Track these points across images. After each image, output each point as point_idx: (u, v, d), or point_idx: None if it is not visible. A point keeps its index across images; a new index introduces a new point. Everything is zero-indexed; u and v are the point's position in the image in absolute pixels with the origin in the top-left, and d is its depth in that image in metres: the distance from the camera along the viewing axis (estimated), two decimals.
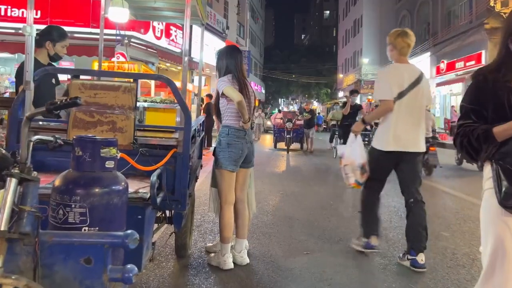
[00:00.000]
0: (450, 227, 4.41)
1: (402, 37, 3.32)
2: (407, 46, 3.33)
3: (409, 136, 3.24)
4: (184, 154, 2.48)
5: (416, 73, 3.33)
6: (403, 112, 3.21)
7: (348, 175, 3.37)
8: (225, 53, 3.14)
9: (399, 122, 3.21)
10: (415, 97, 3.24)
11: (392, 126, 3.22)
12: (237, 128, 2.99)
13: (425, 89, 3.36)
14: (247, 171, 3.19)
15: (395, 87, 3.23)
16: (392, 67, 3.48)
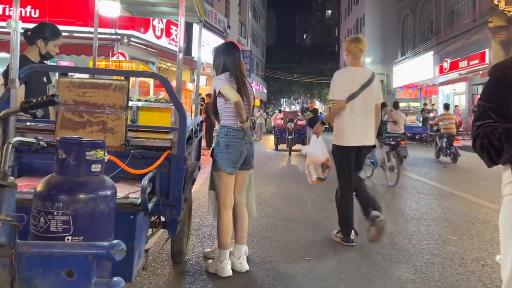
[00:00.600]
0: (458, 230, 4.25)
1: (355, 43, 3.71)
2: (359, 51, 3.72)
3: (362, 132, 3.64)
4: (179, 156, 2.34)
5: (368, 75, 3.71)
6: (356, 110, 3.59)
7: (311, 173, 3.64)
8: (222, 50, 3.00)
9: (353, 119, 3.59)
10: (367, 97, 3.63)
11: (347, 123, 3.62)
12: (236, 128, 2.85)
13: (376, 90, 3.74)
14: (247, 173, 3.05)
15: (347, 88, 3.62)
16: (346, 70, 3.86)
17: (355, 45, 3.71)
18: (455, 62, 21.75)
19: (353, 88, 3.60)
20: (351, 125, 3.60)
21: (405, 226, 4.36)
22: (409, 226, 4.37)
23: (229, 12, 22.74)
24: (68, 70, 2.43)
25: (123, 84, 2.31)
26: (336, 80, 3.81)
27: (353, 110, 3.59)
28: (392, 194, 6.24)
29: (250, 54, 28.02)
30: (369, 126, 3.69)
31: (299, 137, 12.97)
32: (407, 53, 30.65)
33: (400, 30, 32.57)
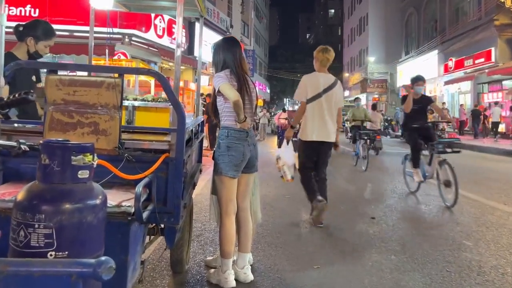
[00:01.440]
0: (472, 235, 4.05)
1: (323, 53, 4.31)
2: (326, 60, 4.30)
3: (324, 130, 4.17)
4: (177, 160, 2.16)
5: (331, 80, 4.28)
6: (319, 111, 4.13)
7: (286, 173, 3.98)
8: (221, 46, 2.82)
9: (316, 118, 4.13)
10: (329, 100, 4.17)
11: (311, 122, 4.15)
12: (238, 129, 2.66)
13: (337, 94, 4.30)
14: (250, 177, 2.86)
15: (311, 91, 4.18)
16: (312, 75, 4.36)
17: (323, 55, 4.30)
18: (460, 61, 21.50)
19: (316, 91, 4.15)
20: (312, 123, 4.17)
21: (416, 230, 4.16)
22: (421, 230, 4.17)
23: (232, 11, 22.56)
24: (57, 67, 2.27)
25: (116, 81, 2.13)
26: (301, 83, 4.36)
27: (315, 110, 4.14)
28: (401, 196, 6.04)
29: (253, 54, 27.84)
30: (329, 125, 4.20)
31: None
32: (411, 52, 30.38)
33: (404, 28, 32.30)
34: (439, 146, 5.54)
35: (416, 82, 6.10)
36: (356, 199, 5.77)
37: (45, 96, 2.13)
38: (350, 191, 6.33)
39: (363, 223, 4.42)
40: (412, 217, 4.73)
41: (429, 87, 27.91)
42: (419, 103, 5.97)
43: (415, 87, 6.04)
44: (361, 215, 4.77)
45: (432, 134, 5.79)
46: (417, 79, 6.15)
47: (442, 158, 5.51)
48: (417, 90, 6.04)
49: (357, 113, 10.41)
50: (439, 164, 5.51)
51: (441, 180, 5.42)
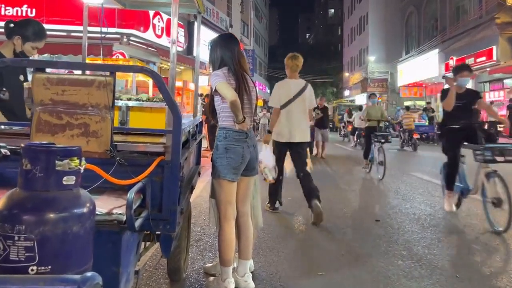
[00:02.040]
0: (480, 238, 3.92)
1: (292, 60, 4.65)
2: (295, 66, 4.64)
3: (299, 131, 4.50)
4: (173, 163, 2.03)
5: (301, 85, 4.60)
6: (291, 114, 4.45)
7: (267, 175, 4.11)
8: (218, 43, 2.68)
9: (289, 121, 4.43)
10: (300, 103, 4.51)
11: (284, 124, 4.46)
12: (236, 130, 2.53)
13: (308, 97, 4.61)
14: (251, 180, 2.73)
15: (283, 97, 4.51)
16: (283, 81, 4.72)
17: (292, 61, 4.65)
18: (462, 60, 21.31)
19: (288, 97, 4.47)
20: (284, 126, 4.48)
21: (422, 233, 4.03)
22: (427, 233, 4.04)
23: (231, 11, 22.42)
24: (44, 64, 2.12)
25: (107, 80, 2.00)
26: (274, 90, 4.75)
27: (288, 113, 4.44)
28: (405, 197, 5.91)
29: (253, 54, 27.72)
30: (303, 126, 4.57)
31: None
32: (411, 51, 30.22)
33: (404, 28, 32.17)
34: (487, 153, 4.23)
35: (459, 72, 4.78)
36: (358, 200, 5.64)
37: (32, 96, 2.01)
38: (352, 193, 6.19)
39: (367, 226, 4.29)
40: (417, 219, 4.59)
41: (430, 86, 27.81)
42: (463, 99, 4.69)
43: (458, 79, 4.74)
44: (364, 218, 4.64)
45: (478, 137, 4.48)
46: (461, 69, 4.86)
47: (491, 169, 4.32)
48: (461, 82, 4.74)
49: (372, 112, 8.70)
50: (486, 176, 4.34)
51: (488, 198, 4.27)
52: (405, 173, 8.32)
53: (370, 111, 8.75)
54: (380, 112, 8.80)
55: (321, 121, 11.16)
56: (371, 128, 8.52)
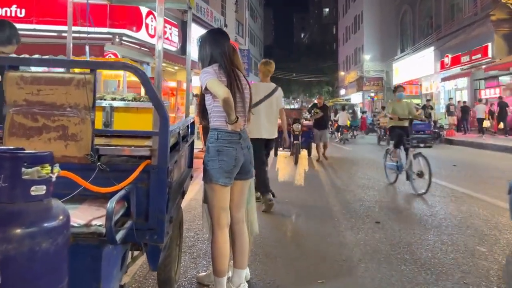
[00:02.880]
0: (485, 239, 3.78)
1: (264, 65, 5.05)
2: (267, 71, 5.06)
3: (264, 128, 4.88)
4: (159, 167, 1.86)
5: (271, 88, 5.04)
6: (260, 114, 4.74)
7: None
8: (207, 39, 2.51)
9: (257, 120, 4.68)
10: (269, 104, 4.94)
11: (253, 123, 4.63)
12: (229, 131, 2.37)
13: (277, 99, 5.11)
14: (245, 184, 2.57)
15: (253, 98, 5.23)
16: (255, 84, 5.10)
17: (264, 67, 5.06)
18: (457, 57, 21.29)
19: (258, 98, 4.79)
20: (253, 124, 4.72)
21: (425, 235, 3.88)
22: (430, 235, 3.89)
23: (226, 10, 22.25)
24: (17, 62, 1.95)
25: (87, 78, 1.84)
26: None
27: (258, 113, 4.70)
28: (405, 197, 5.77)
29: (248, 54, 27.58)
30: (271, 125, 4.99)
31: (306, 141, 10.40)
32: (406, 49, 30.18)
33: (399, 26, 32.12)
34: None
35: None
36: (356, 201, 5.49)
37: (4, 97, 1.84)
38: (350, 194, 6.04)
39: (368, 228, 4.14)
40: (418, 221, 4.45)
41: (425, 84, 27.77)
42: None
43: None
44: (364, 220, 4.49)
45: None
46: None
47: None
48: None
49: (398, 109, 6.91)
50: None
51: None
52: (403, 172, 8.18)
53: (396, 108, 6.92)
54: (407, 108, 6.96)
55: (321, 120, 10.31)
56: (398, 128, 6.81)
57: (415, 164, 6.16)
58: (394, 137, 6.98)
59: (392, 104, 7.20)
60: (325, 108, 10.60)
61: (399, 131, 6.79)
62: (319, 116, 10.20)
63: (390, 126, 7.14)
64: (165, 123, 1.87)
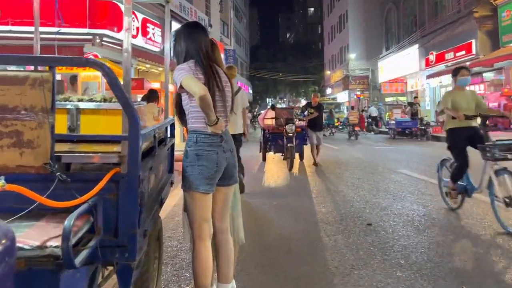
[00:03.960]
0: (481, 240, 3.64)
1: (228, 70, 4.96)
2: (231, 75, 4.90)
3: (233, 124, 5.02)
4: (130, 176, 1.65)
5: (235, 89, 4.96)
6: None
7: None
8: (182, 34, 2.30)
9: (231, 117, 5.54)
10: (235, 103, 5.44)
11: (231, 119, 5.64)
12: (209, 133, 2.17)
13: (241, 98, 5.50)
14: (229, 190, 2.37)
15: None
16: None
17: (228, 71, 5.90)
18: (441, 54, 21.40)
19: None
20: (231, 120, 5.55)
21: (419, 237, 3.73)
22: (424, 237, 3.74)
23: (210, 10, 21.99)
24: None
25: (44, 76, 1.62)
26: None
27: None
28: (396, 197, 5.63)
29: (234, 54, 27.35)
30: (237, 121, 5.37)
31: (301, 144, 9.24)
32: (391, 47, 30.32)
33: (384, 24, 32.28)
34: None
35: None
36: (347, 202, 5.33)
37: None
38: (340, 195, 5.89)
39: (360, 231, 3.98)
40: (411, 221, 4.31)
41: (411, 82, 27.91)
42: None
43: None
44: (355, 222, 4.33)
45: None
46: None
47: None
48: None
49: (461, 101, 4.58)
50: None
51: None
52: (392, 171, 8.08)
53: (457, 100, 4.58)
54: (474, 101, 4.63)
55: (317, 121, 9.20)
56: (462, 130, 4.51)
57: (500, 184, 3.98)
58: (456, 148, 4.57)
59: (451, 95, 4.71)
60: (320, 107, 9.50)
61: (464, 134, 4.47)
62: (314, 116, 9.15)
63: (448, 128, 4.66)
64: (134, 125, 1.66)
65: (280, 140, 8.97)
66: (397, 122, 18.32)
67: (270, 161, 9.98)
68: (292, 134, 8.49)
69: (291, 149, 8.35)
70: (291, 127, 8.52)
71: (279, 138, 9.05)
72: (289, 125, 8.55)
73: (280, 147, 9.06)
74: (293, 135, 8.49)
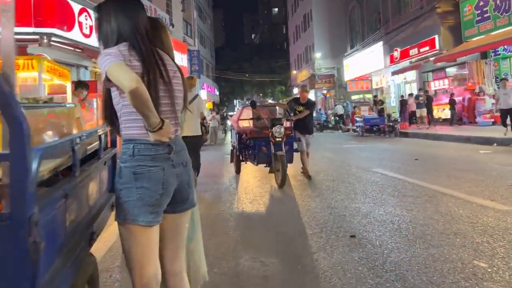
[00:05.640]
0: (480, 250, 3.22)
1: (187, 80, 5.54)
2: (190, 84, 5.72)
3: (189, 127, 5.30)
4: (13, 219, 1.05)
5: (192, 96, 5.74)
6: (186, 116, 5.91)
7: None
8: (111, 9, 1.69)
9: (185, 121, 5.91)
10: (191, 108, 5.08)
11: None
12: (151, 142, 1.58)
13: (197, 104, 5.89)
14: (182, 218, 1.78)
15: None
16: None
17: (188, 81, 5.66)
18: (406, 51, 21.58)
19: None
20: None
21: (410, 250, 3.27)
22: (416, 249, 3.29)
23: (172, 9, 21.16)
24: None
25: None
26: None
27: None
28: (376, 201, 5.20)
29: (198, 54, 26.58)
30: (191, 125, 5.56)
31: (291, 151, 7.06)
32: (356, 45, 30.51)
33: (348, 22, 32.49)
34: None
35: None
36: (324, 209, 4.85)
37: None
38: (316, 200, 5.40)
39: (343, 245, 3.48)
40: (398, 230, 3.86)
41: (376, 79, 28.14)
42: None
43: None
44: (337, 233, 3.83)
45: None
46: None
47: None
48: None
49: None
50: None
51: None
52: (366, 170, 7.71)
53: None
54: None
55: (307, 120, 7.39)
56: None
57: None
58: None
59: None
60: (310, 104, 7.57)
61: None
62: (304, 115, 7.29)
63: None
64: (19, 137, 1.06)
65: (265, 147, 6.87)
66: (364, 119, 18.22)
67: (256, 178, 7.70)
68: (281, 139, 6.59)
69: (281, 159, 6.33)
70: (279, 130, 6.58)
71: (263, 145, 6.91)
72: (276, 128, 6.57)
73: (265, 156, 6.91)
74: (282, 140, 6.60)
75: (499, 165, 7.36)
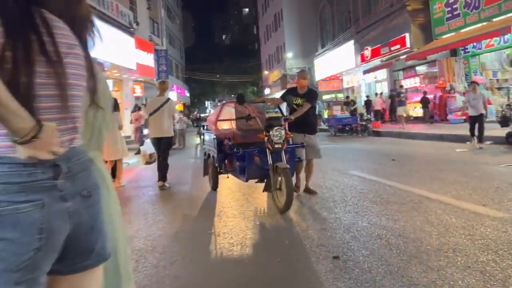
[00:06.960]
0: (488, 272, 2.69)
1: (160, 84, 7.26)
2: (162, 89, 7.16)
3: (160, 130, 6.78)
4: None
5: (163, 100, 6.94)
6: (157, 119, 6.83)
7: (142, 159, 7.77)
8: None
9: (155, 124, 6.86)
10: (162, 113, 6.82)
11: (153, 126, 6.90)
12: (20, 161, 0.95)
13: (169, 108, 6.89)
14: (88, 280, 1.12)
15: (151, 109, 6.96)
16: (154, 98, 7.35)
17: (160, 86, 7.17)
18: (377, 49, 21.49)
19: (155, 107, 6.84)
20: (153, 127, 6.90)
21: (407, 275, 2.72)
22: (413, 274, 2.74)
23: (136, 6, 20.18)
24: None
25: None
26: (148, 104, 8.10)
27: (155, 119, 6.81)
28: (357, 210, 4.67)
29: (166, 54, 25.64)
30: (164, 127, 6.74)
31: (293, 160, 5.25)
32: (327, 44, 30.37)
33: (319, 22, 32.34)
34: None
35: None
36: (302, 222, 4.27)
37: None
38: (291, 209, 4.80)
39: (327, 270, 2.89)
40: (387, 247, 3.32)
41: (346, 78, 28.05)
42: None
43: None
44: (318, 254, 3.25)
45: None
46: None
47: None
48: None
49: None
50: None
51: None
52: (342, 173, 7.22)
53: None
54: None
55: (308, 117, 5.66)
56: None
57: None
58: None
59: None
60: (311, 95, 5.76)
61: None
62: (305, 110, 5.52)
63: None
64: None
65: (259, 156, 5.04)
66: (337, 119, 17.90)
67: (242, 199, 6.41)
68: (281, 146, 4.85)
69: (284, 173, 4.59)
70: (279, 134, 4.84)
71: (256, 153, 5.06)
72: (275, 130, 4.83)
73: (259, 169, 5.07)
74: (282, 147, 4.87)
75: (479, 165, 7.04)
